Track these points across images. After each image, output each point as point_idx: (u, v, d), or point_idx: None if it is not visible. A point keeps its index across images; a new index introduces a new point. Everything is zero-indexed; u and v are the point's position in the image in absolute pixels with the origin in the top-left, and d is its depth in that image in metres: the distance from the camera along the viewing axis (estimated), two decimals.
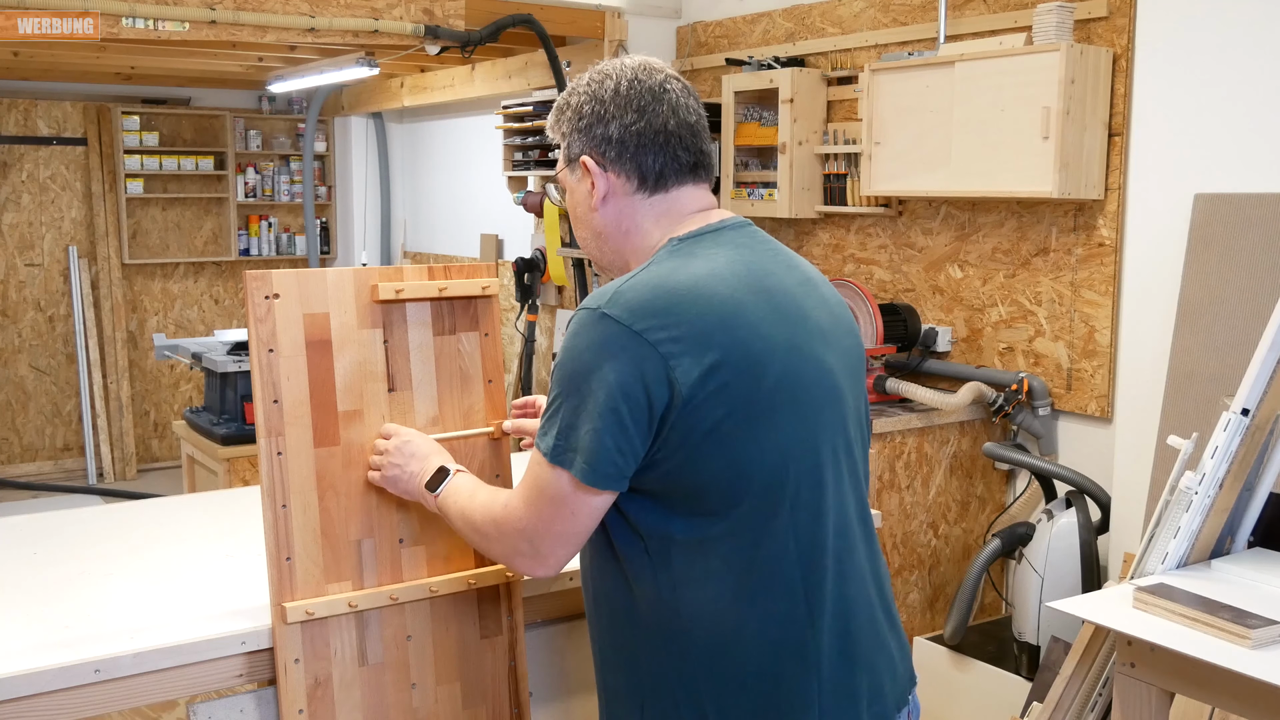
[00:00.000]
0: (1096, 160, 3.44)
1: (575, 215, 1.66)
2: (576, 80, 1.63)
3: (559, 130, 1.64)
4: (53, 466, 7.23)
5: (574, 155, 1.60)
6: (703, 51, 5.06)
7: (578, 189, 1.63)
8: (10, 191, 7.02)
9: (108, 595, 1.90)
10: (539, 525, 1.51)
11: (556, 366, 1.48)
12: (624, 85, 1.57)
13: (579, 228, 1.67)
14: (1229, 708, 1.95)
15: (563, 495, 1.47)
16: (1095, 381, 3.56)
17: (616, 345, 1.41)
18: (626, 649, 1.56)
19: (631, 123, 1.56)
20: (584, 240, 1.67)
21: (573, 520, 1.48)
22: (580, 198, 1.62)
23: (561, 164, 1.65)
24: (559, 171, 1.67)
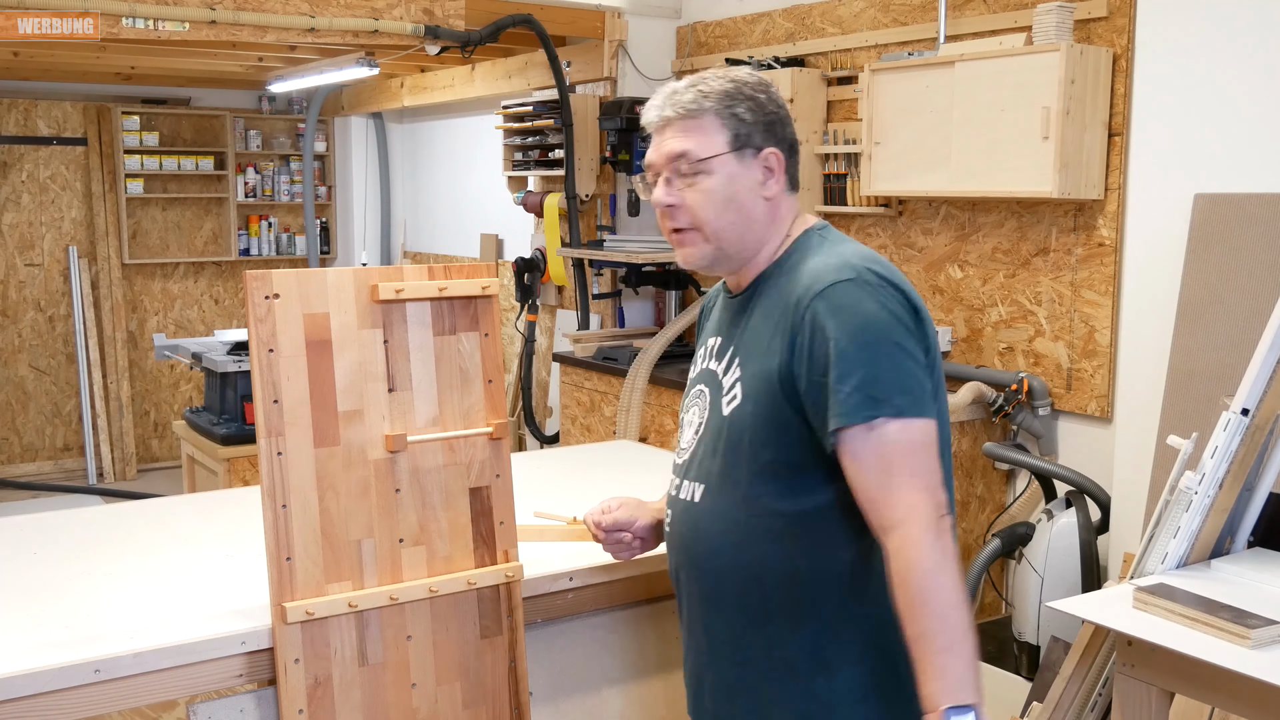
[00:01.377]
0: (1096, 160, 3.44)
1: (730, 200, 1.68)
2: (722, 74, 1.71)
3: (732, 114, 1.67)
4: (53, 466, 7.23)
5: (756, 145, 1.69)
6: (703, 51, 5.05)
7: (744, 175, 1.69)
8: (10, 191, 7.02)
9: (108, 595, 1.90)
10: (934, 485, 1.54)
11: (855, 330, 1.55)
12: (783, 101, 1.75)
13: (728, 213, 1.69)
14: (1229, 708, 1.95)
15: (930, 439, 1.56)
16: (1095, 381, 3.56)
17: (895, 300, 1.58)
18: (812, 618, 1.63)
19: (792, 133, 1.75)
20: (730, 226, 1.69)
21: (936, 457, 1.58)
22: (749, 184, 1.69)
23: (724, 148, 1.67)
24: (718, 154, 1.67)
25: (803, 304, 1.59)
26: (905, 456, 1.52)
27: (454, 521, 1.90)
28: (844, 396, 1.52)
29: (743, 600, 1.68)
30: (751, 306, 1.73)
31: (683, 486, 1.76)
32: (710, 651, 1.75)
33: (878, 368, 1.53)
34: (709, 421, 1.73)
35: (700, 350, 1.85)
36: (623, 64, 5.14)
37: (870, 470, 1.53)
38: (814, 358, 1.57)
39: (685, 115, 1.68)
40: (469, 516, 1.91)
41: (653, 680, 2.19)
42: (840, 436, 1.54)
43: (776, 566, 1.64)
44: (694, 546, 1.73)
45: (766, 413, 1.62)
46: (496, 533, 1.94)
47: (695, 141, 1.67)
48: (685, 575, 1.77)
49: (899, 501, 1.51)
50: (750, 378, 1.66)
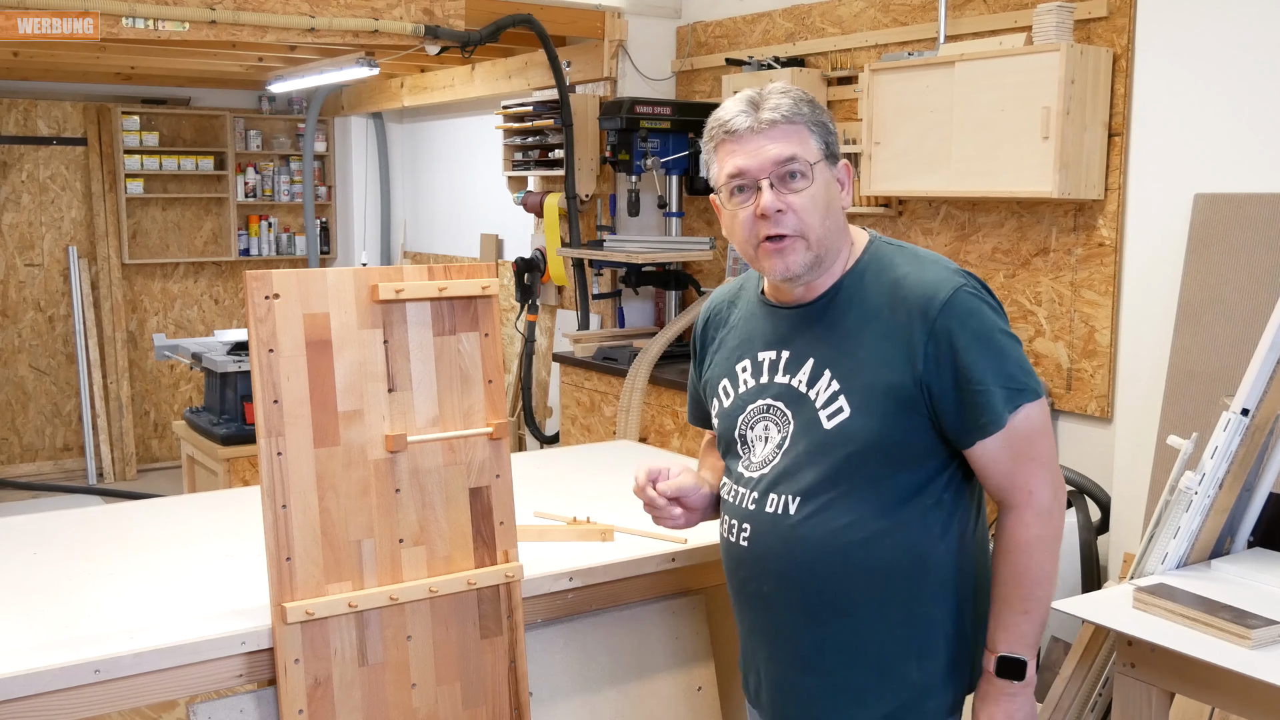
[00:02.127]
0: (1096, 160, 3.44)
1: (829, 207, 1.72)
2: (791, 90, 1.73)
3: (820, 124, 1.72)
4: (53, 466, 7.23)
5: (837, 155, 1.75)
6: (703, 51, 5.05)
7: (833, 184, 1.74)
8: (10, 191, 7.02)
9: (108, 595, 1.90)
10: (1054, 467, 1.71)
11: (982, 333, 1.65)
12: None
13: (829, 219, 1.72)
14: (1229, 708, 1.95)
15: (1049, 416, 1.73)
16: (1095, 381, 3.56)
17: (993, 296, 1.70)
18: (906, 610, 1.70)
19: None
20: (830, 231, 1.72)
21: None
22: (835, 193, 1.74)
23: (819, 155, 1.71)
24: (819, 161, 1.70)
25: (930, 315, 1.65)
26: (1032, 440, 1.67)
27: (454, 521, 1.90)
28: (992, 398, 1.63)
29: (844, 604, 1.71)
30: (834, 318, 1.72)
31: (768, 499, 1.73)
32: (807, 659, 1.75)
33: (1009, 361, 1.65)
34: (800, 435, 1.72)
35: (743, 363, 1.81)
36: (623, 64, 5.14)
37: (1003, 457, 1.66)
38: (953, 366, 1.64)
39: (786, 121, 1.69)
40: (469, 516, 1.91)
41: (653, 680, 2.19)
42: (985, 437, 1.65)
43: (883, 565, 1.69)
44: (790, 557, 1.72)
45: (888, 423, 1.66)
46: (496, 533, 1.94)
47: (798, 146, 1.69)
48: (772, 587, 1.75)
49: (1022, 486, 1.67)
50: (860, 390, 1.68)
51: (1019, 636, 1.68)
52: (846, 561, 1.68)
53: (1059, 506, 1.70)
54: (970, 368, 1.63)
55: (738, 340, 1.85)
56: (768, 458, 1.75)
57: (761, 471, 1.75)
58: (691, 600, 2.23)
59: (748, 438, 1.79)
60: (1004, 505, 1.71)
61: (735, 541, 1.78)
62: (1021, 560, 1.67)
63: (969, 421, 1.65)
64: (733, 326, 1.87)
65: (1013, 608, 1.68)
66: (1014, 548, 1.68)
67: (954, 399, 1.64)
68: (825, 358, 1.71)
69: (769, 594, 1.75)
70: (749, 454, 1.79)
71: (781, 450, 1.73)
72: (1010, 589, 1.68)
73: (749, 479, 1.77)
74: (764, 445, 1.76)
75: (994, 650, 1.69)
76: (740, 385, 1.81)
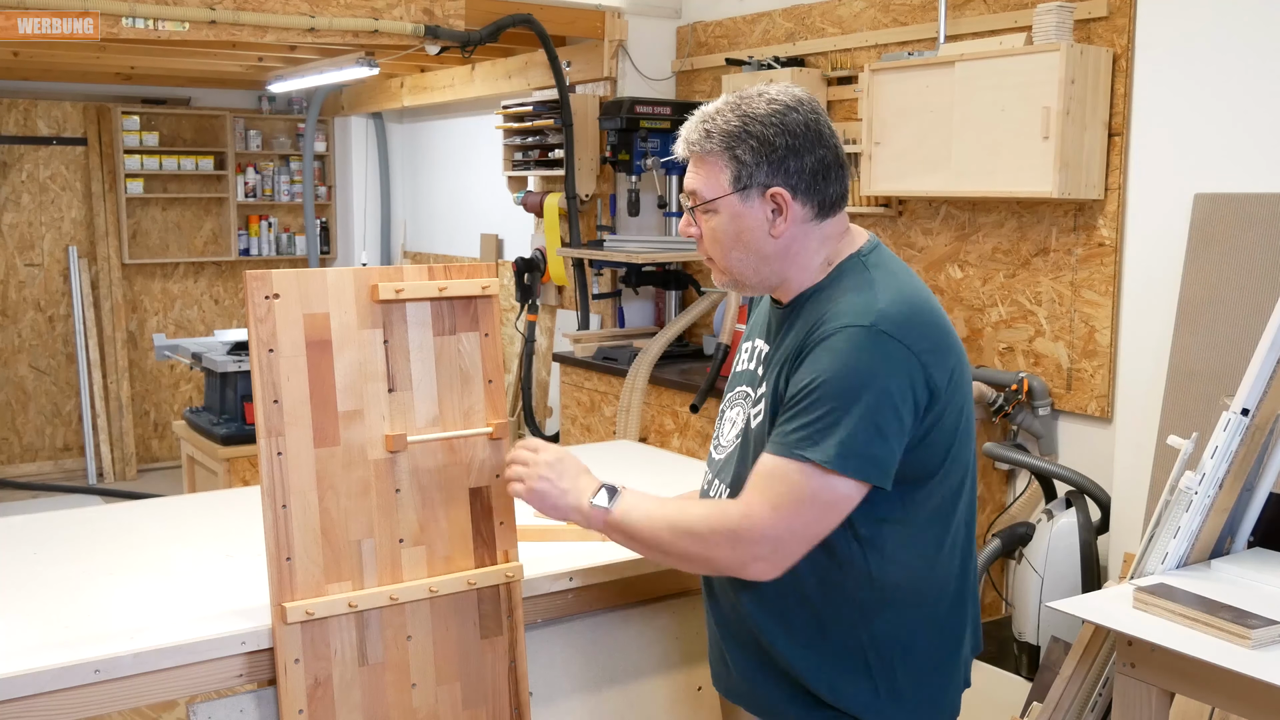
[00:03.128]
0: (1096, 160, 3.44)
1: (738, 239, 1.69)
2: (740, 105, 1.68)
3: (733, 156, 1.66)
4: (53, 466, 7.23)
5: (759, 184, 1.66)
6: (703, 51, 5.05)
7: (748, 215, 1.68)
8: (10, 191, 7.02)
9: (108, 595, 1.90)
10: (794, 530, 1.59)
11: (827, 380, 1.56)
12: (809, 117, 1.67)
13: (737, 250, 1.70)
14: (1229, 708, 1.95)
15: (835, 499, 1.57)
16: (1095, 381, 3.56)
17: (893, 358, 1.56)
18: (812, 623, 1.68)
19: (822, 156, 1.67)
20: (740, 261, 1.71)
21: (833, 522, 1.60)
22: (753, 224, 1.68)
23: (728, 188, 1.67)
24: (722, 196, 1.68)
25: (810, 339, 1.63)
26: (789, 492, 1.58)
27: (454, 521, 1.90)
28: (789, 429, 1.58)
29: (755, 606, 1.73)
30: (790, 321, 1.75)
31: (713, 485, 1.82)
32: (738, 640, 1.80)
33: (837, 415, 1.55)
34: (744, 428, 1.78)
35: (748, 344, 1.88)
36: (623, 64, 5.14)
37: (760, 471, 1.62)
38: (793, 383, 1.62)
39: (695, 153, 1.71)
40: (469, 516, 1.91)
41: (653, 680, 2.19)
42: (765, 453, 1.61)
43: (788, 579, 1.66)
44: None
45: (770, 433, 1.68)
46: (496, 533, 1.94)
47: (702, 181, 1.71)
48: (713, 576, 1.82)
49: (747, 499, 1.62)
50: (772, 394, 1.71)
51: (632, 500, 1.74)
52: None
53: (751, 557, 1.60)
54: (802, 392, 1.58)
55: (753, 323, 1.92)
56: (727, 444, 1.82)
57: (721, 456, 1.84)
58: (691, 600, 2.23)
59: (725, 415, 1.86)
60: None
61: None
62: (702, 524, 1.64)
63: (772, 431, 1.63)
64: (759, 308, 1.93)
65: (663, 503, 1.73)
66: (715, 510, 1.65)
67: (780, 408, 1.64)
68: (774, 358, 1.74)
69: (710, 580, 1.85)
70: (720, 431, 1.86)
71: (737, 439, 1.79)
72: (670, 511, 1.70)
73: (713, 460, 1.86)
74: (730, 428, 1.82)
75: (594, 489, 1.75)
76: (738, 365, 1.88)
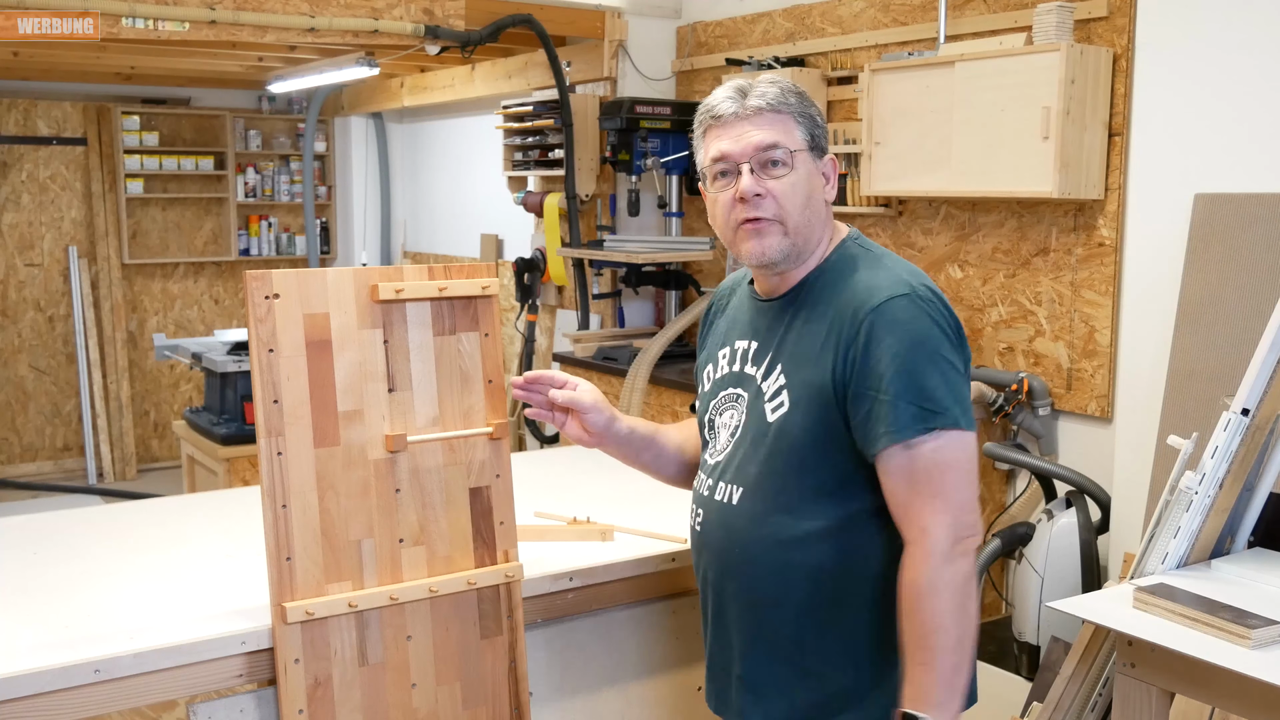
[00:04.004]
0: (1096, 160, 3.43)
1: (810, 197, 1.72)
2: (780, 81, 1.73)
3: (807, 116, 1.72)
4: (53, 466, 7.23)
5: (823, 149, 1.74)
6: (703, 51, 5.05)
7: (816, 175, 1.73)
8: (10, 191, 7.02)
9: (108, 595, 1.90)
10: (963, 500, 1.60)
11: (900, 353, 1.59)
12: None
13: (809, 209, 1.72)
14: (1229, 708, 1.95)
15: (970, 453, 1.61)
16: (1095, 381, 3.56)
17: (944, 317, 1.64)
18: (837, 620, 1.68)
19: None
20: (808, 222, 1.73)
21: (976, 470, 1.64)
22: (819, 184, 1.74)
23: (802, 144, 1.71)
24: (801, 150, 1.71)
25: (859, 317, 1.63)
26: (938, 474, 1.58)
27: (454, 521, 1.90)
28: (896, 410, 1.57)
29: (776, 599, 1.71)
30: (794, 313, 1.73)
31: (718, 488, 1.78)
32: (739, 647, 1.77)
33: (929, 379, 1.59)
34: (748, 426, 1.74)
35: (724, 350, 1.84)
36: (623, 64, 5.14)
37: (902, 483, 1.59)
38: (865, 370, 1.61)
39: (771, 109, 1.70)
40: (469, 516, 1.91)
41: (653, 680, 2.19)
42: (885, 448, 1.59)
43: (811, 569, 1.68)
44: (729, 547, 1.76)
45: (815, 421, 1.66)
46: (496, 533, 1.94)
47: (783, 135, 1.70)
48: (715, 573, 1.79)
49: (915, 520, 1.59)
50: (799, 386, 1.68)
51: (919, 691, 1.56)
52: (779, 559, 1.69)
53: (962, 553, 1.58)
54: (882, 374, 1.59)
55: (725, 328, 1.88)
56: (725, 446, 1.79)
57: (719, 459, 1.79)
58: (691, 600, 2.23)
59: (715, 423, 1.83)
60: (904, 537, 1.62)
61: (693, 525, 1.85)
62: (913, 603, 1.57)
63: (872, 430, 1.60)
64: (727, 315, 1.90)
65: (912, 657, 1.58)
66: (904, 587, 1.59)
67: (862, 403, 1.61)
68: (781, 352, 1.73)
69: (713, 579, 1.80)
70: (714, 440, 1.83)
71: (734, 440, 1.77)
72: (908, 633, 1.59)
73: (709, 466, 1.82)
74: (724, 432, 1.80)
75: (898, 706, 1.59)
76: (719, 371, 1.85)
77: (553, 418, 1.90)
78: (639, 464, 1.99)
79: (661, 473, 2.02)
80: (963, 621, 1.56)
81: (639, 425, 1.97)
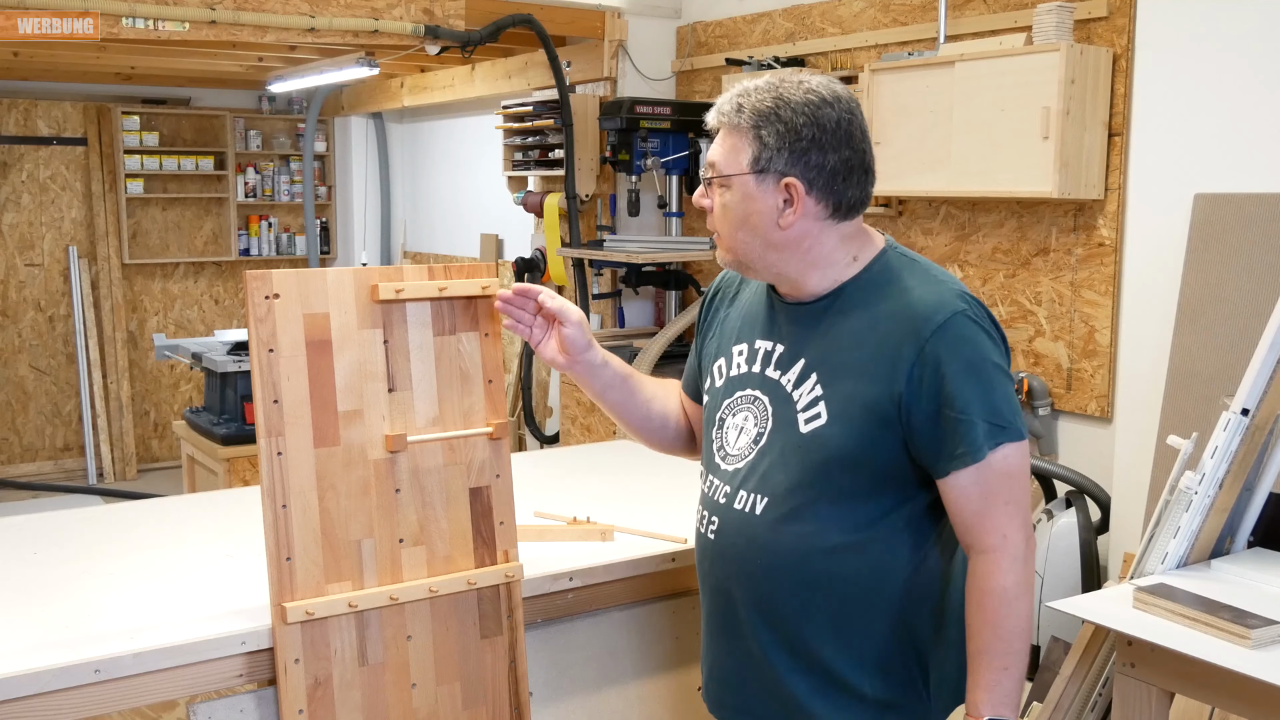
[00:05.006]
0: (1096, 160, 3.44)
1: (745, 220, 1.67)
2: (779, 87, 1.65)
3: (757, 136, 1.63)
4: (53, 466, 7.23)
5: (776, 170, 1.63)
6: (703, 51, 5.05)
7: (761, 199, 1.65)
8: (10, 191, 7.02)
9: (108, 595, 1.90)
10: (1025, 504, 1.63)
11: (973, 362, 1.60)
12: (842, 116, 1.64)
13: (743, 231, 1.68)
14: (1229, 708, 1.95)
15: (1028, 461, 1.66)
16: (1095, 381, 3.56)
17: (993, 327, 1.65)
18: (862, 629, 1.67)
19: (847, 158, 1.65)
20: (745, 243, 1.69)
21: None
22: (764, 209, 1.65)
23: (746, 167, 1.65)
24: (738, 174, 1.65)
25: (923, 335, 1.60)
26: (1007, 482, 1.60)
27: (454, 521, 1.90)
28: (973, 429, 1.58)
29: (801, 611, 1.69)
30: (831, 321, 1.69)
31: (738, 496, 1.73)
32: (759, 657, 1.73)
33: (996, 395, 1.60)
34: (776, 434, 1.70)
35: (741, 347, 1.80)
36: (623, 64, 5.14)
37: (974, 496, 1.60)
38: (937, 390, 1.60)
39: (725, 124, 1.68)
40: (469, 516, 1.91)
41: (652, 680, 2.19)
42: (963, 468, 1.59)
43: (838, 581, 1.66)
44: (750, 556, 1.71)
45: (859, 436, 1.63)
46: (496, 533, 1.94)
47: (723, 154, 1.68)
48: (731, 583, 1.75)
49: (994, 529, 1.60)
50: (841, 399, 1.65)
51: (1003, 697, 1.59)
52: (807, 570, 1.67)
53: (1031, 554, 1.63)
54: (955, 395, 1.58)
55: (741, 322, 1.83)
56: (744, 452, 1.74)
57: (736, 466, 1.74)
58: (691, 600, 2.23)
59: (726, 422, 1.78)
60: (974, 548, 1.63)
61: (704, 533, 1.79)
62: (999, 609, 1.59)
63: (946, 450, 1.60)
64: (740, 306, 1.85)
65: (992, 663, 1.59)
66: (990, 595, 1.60)
67: (933, 424, 1.60)
68: (815, 360, 1.69)
69: (730, 590, 1.75)
70: (724, 440, 1.78)
71: (757, 447, 1.72)
72: (988, 641, 1.60)
73: (724, 471, 1.76)
74: (739, 436, 1.75)
75: (978, 715, 1.60)
76: (733, 368, 1.80)
77: (530, 333, 1.87)
78: (606, 402, 1.95)
79: (625, 417, 1.97)
80: (1030, 626, 1.63)
81: (614, 361, 1.93)
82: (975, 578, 1.62)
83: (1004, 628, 1.59)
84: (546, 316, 1.87)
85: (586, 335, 1.87)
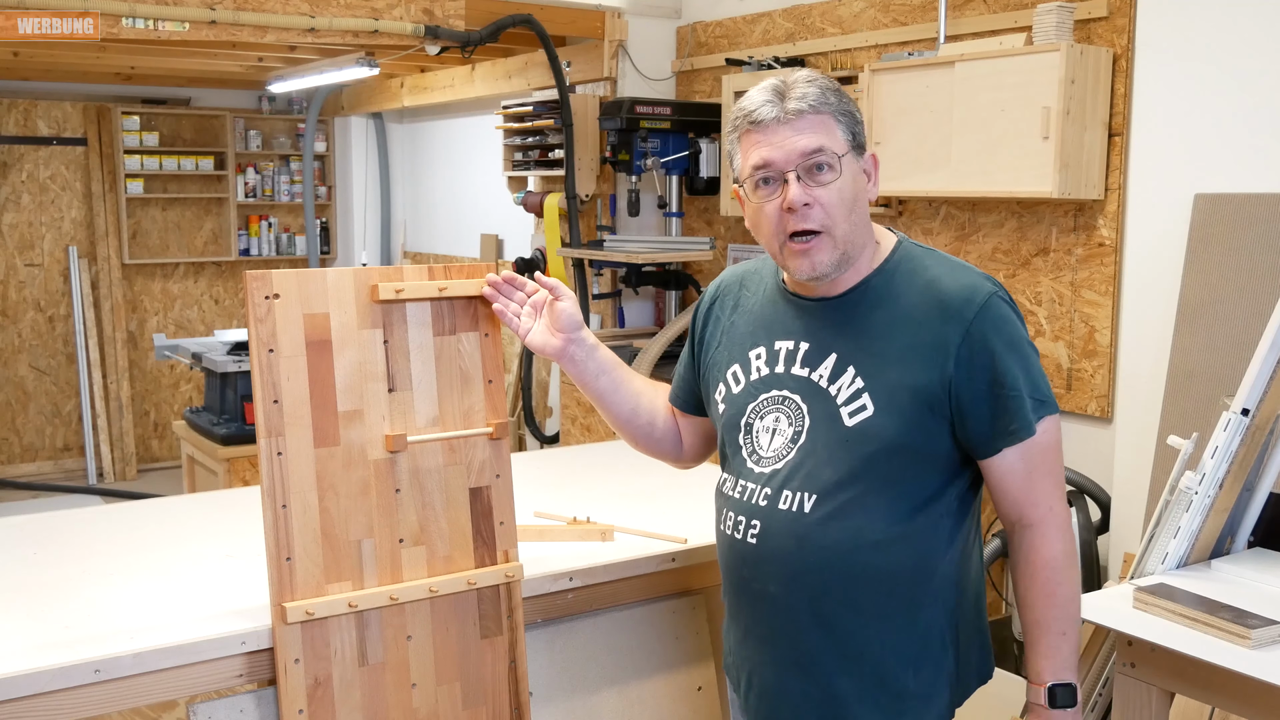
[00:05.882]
0: (1096, 160, 3.44)
1: (855, 202, 1.67)
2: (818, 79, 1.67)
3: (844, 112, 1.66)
4: (53, 466, 7.23)
5: (863, 145, 1.69)
6: (703, 51, 5.05)
7: (860, 176, 1.69)
8: (10, 191, 7.02)
9: (108, 595, 1.90)
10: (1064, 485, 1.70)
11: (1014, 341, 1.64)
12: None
13: (854, 214, 1.67)
14: (1229, 708, 1.95)
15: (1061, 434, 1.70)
16: (1095, 381, 3.56)
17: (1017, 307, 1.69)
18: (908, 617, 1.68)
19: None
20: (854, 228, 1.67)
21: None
22: (863, 186, 1.69)
23: (845, 146, 1.65)
24: (845, 153, 1.65)
25: (965, 317, 1.62)
26: (1051, 454, 1.66)
27: (454, 521, 1.90)
28: (1024, 405, 1.62)
29: (852, 607, 1.67)
30: (859, 314, 1.68)
31: (781, 495, 1.68)
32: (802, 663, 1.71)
33: (1035, 372, 1.65)
34: (816, 431, 1.67)
35: (758, 350, 1.76)
36: (623, 64, 5.14)
37: (1020, 469, 1.65)
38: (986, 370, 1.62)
39: (813, 110, 1.63)
40: (469, 516, 1.91)
41: (653, 680, 2.19)
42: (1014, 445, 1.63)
43: (887, 573, 1.66)
44: (802, 557, 1.67)
45: (908, 423, 1.63)
46: (496, 533, 1.94)
47: (827, 137, 1.63)
48: (779, 586, 1.69)
49: (1041, 501, 1.66)
50: (885, 389, 1.64)
51: (1063, 661, 1.65)
52: (857, 564, 1.65)
53: (1069, 528, 1.69)
54: (1005, 373, 1.61)
55: (752, 326, 1.79)
56: (781, 452, 1.69)
57: (774, 466, 1.69)
58: (691, 600, 2.23)
59: (754, 427, 1.73)
60: (1021, 522, 1.67)
61: (742, 538, 1.71)
62: (1053, 578, 1.65)
63: (999, 427, 1.62)
64: (745, 311, 1.82)
65: (1050, 629, 1.65)
66: (1044, 566, 1.66)
67: (986, 403, 1.61)
68: (849, 354, 1.67)
69: (775, 593, 1.70)
70: (755, 444, 1.73)
71: (797, 445, 1.68)
72: (1045, 610, 1.66)
73: (759, 474, 1.71)
74: (772, 437, 1.71)
75: (1041, 681, 1.66)
76: (753, 372, 1.76)
77: (517, 322, 1.88)
78: (594, 389, 1.93)
79: (612, 408, 1.94)
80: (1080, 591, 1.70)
81: (604, 349, 1.92)
82: (1024, 551, 1.67)
83: (1059, 596, 1.65)
84: (535, 306, 1.90)
85: (578, 316, 1.89)
